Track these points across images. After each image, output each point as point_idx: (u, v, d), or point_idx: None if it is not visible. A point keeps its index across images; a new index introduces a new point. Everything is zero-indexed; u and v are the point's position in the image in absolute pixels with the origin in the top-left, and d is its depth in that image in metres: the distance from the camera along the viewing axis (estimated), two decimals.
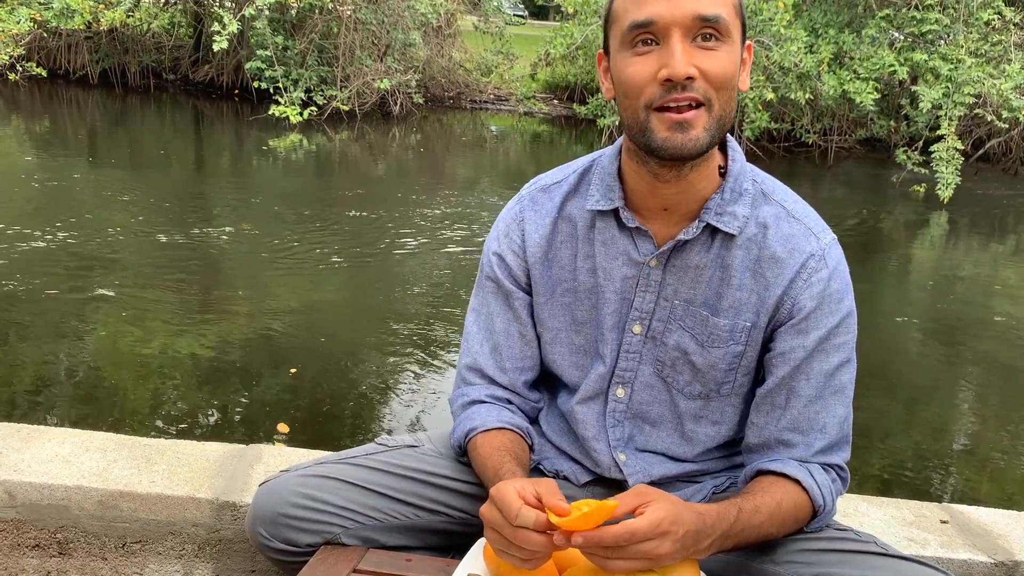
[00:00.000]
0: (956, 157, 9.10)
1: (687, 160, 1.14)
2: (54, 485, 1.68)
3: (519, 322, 1.37)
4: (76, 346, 3.70)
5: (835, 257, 1.23)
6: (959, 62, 9.51)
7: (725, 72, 1.10)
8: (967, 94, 9.39)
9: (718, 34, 1.10)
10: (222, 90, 13.13)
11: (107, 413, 3.15)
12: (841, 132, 12.28)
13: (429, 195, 7.84)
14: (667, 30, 1.09)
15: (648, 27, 1.09)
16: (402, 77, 12.30)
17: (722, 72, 1.10)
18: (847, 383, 1.24)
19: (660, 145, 1.12)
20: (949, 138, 9.18)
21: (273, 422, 3.16)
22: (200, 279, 4.76)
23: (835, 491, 1.23)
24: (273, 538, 1.28)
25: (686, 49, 1.09)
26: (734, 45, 1.12)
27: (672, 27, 1.08)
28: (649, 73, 1.10)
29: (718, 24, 1.09)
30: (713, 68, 1.09)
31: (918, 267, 7.01)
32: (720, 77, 1.10)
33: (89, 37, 12.53)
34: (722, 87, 1.11)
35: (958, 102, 9.43)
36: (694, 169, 1.19)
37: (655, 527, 1.00)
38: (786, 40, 9.85)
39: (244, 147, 9.95)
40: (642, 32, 1.10)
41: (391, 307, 4.68)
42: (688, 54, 1.08)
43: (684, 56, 1.08)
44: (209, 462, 1.81)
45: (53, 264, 4.70)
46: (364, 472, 1.33)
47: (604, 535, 0.99)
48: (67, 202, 6.23)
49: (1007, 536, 1.85)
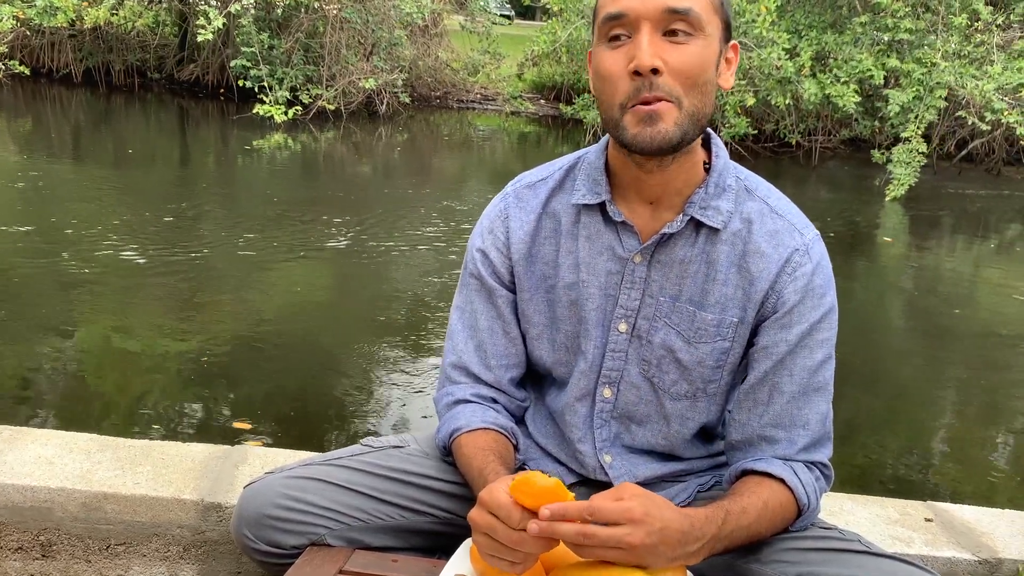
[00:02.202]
0: (916, 159, 9.36)
1: (658, 154, 1.15)
2: (37, 487, 1.67)
3: (503, 320, 1.37)
4: (59, 347, 3.67)
5: (818, 252, 1.24)
6: (933, 66, 9.64)
7: (692, 66, 1.11)
8: (939, 97, 9.58)
9: (689, 27, 1.10)
10: (208, 89, 13.06)
11: (91, 414, 3.13)
12: (825, 132, 12.34)
13: (415, 194, 7.82)
14: (637, 22, 1.11)
15: (620, 19, 1.12)
16: (388, 76, 12.27)
17: (688, 66, 1.11)
18: (828, 380, 1.25)
19: (631, 140, 1.14)
20: (914, 140, 9.42)
21: (259, 423, 3.15)
22: (183, 279, 4.73)
23: (819, 489, 1.24)
24: (258, 540, 1.28)
25: (653, 41, 1.10)
26: (708, 40, 1.13)
27: (642, 19, 1.10)
28: (621, 66, 1.12)
29: (688, 17, 1.10)
30: (679, 62, 1.10)
31: (899, 266, 7.05)
32: (686, 71, 1.11)
33: (73, 35, 12.44)
34: (691, 82, 1.11)
35: (930, 105, 9.59)
36: (676, 161, 1.20)
37: (623, 512, 0.99)
38: (767, 43, 9.90)
39: (228, 146, 9.90)
40: (615, 25, 1.12)
41: (377, 306, 4.67)
42: (655, 46, 1.10)
43: (650, 48, 1.09)
44: (194, 463, 1.80)
45: (33, 264, 4.67)
46: (349, 473, 1.32)
47: (568, 508, 0.99)
48: (49, 201, 6.18)
49: (991, 534, 1.87)
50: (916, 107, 9.67)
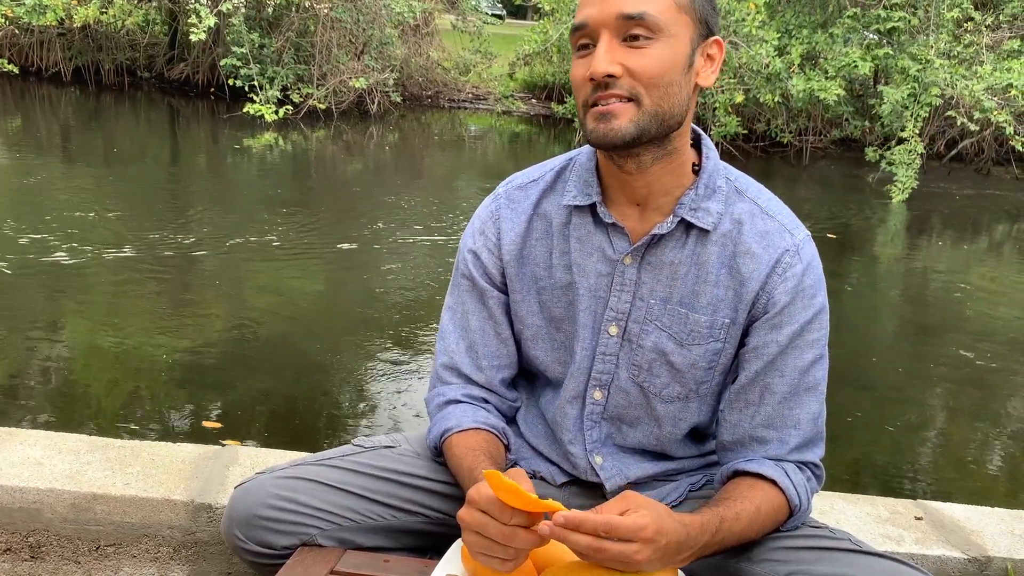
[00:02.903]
0: (915, 160, 9.30)
1: (616, 149, 1.17)
2: (26, 488, 1.66)
3: (494, 320, 1.37)
4: (48, 346, 3.66)
5: (809, 253, 1.25)
6: (927, 62, 9.63)
7: (651, 69, 1.13)
8: (933, 95, 9.55)
9: (648, 31, 1.12)
10: (198, 88, 13.01)
11: (80, 414, 3.12)
12: (816, 132, 12.39)
13: (407, 194, 7.81)
14: (598, 31, 1.14)
15: (583, 29, 1.16)
16: (379, 76, 12.25)
17: (647, 68, 1.13)
18: (820, 380, 1.25)
19: (589, 136, 1.18)
20: (912, 140, 9.36)
21: (249, 422, 3.14)
22: (173, 278, 4.72)
23: (810, 490, 1.24)
24: (249, 540, 1.27)
25: (611, 48, 1.13)
26: (672, 40, 1.14)
27: (601, 28, 1.14)
28: (584, 74, 1.16)
29: (644, 21, 1.12)
30: (639, 66, 1.13)
31: (890, 265, 7.08)
32: (646, 74, 1.13)
33: (62, 34, 12.38)
34: (651, 83, 1.14)
35: (924, 103, 9.58)
36: (657, 162, 1.20)
37: (638, 529, 1.00)
38: (757, 41, 9.92)
39: (219, 145, 9.87)
40: (581, 35, 1.17)
41: (368, 306, 4.66)
42: (613, 53, 1.13)
43: (606, 55, 1.13)
44: (184, 464, 1.80)
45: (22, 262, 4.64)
46: (340, 473, 1.32)
47: (584, 520, 0.99)
48: (38, 201, 6.16)
49: (980, 532, 1.88)
50: (911, 105, 9.65)
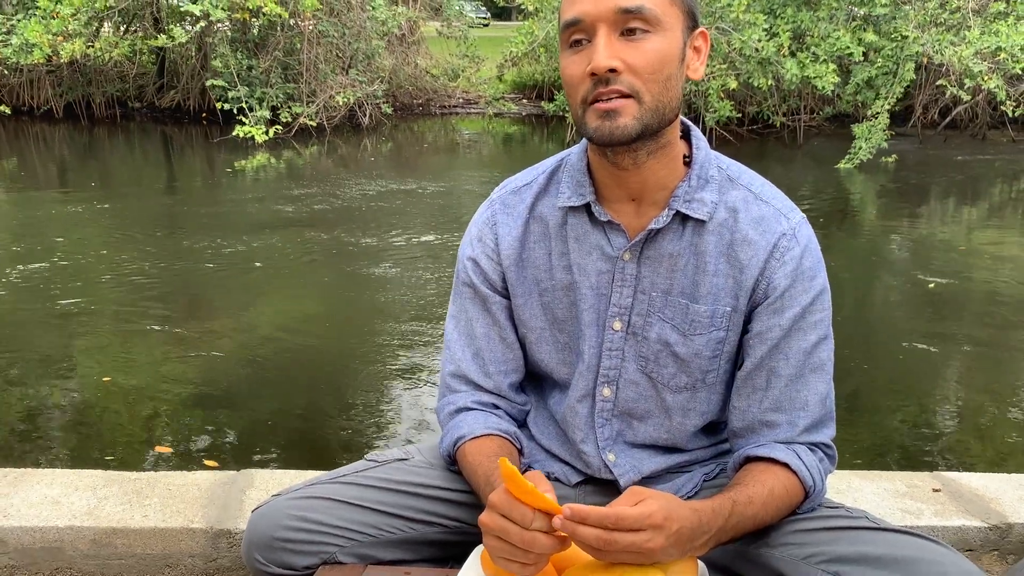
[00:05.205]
0: (877, 135, 9.59)
1: (619, 146, 1.16)
2: (46, 527, 1.67)
3: (498, 326, 1.37)
4: (57, 383, 3.67)
5: (805, 235, 1.25)
6: (903, 39, 9.74)
7: (651, 63, 1.13)
8: (908, 70, 9.79)
9: (646, 24, 1.12)
10: (190, 114, 13.06)
11: (95, 450, 3.13)
12: (808, 111, 12.38)
13: (405, 204, 7.83)
14: (594, 26, 1.13)
15: (577, 25, 1.14)
16: (368, 88, 12.27)
17: (648, 63, 1.12)
18: (826, 360, 1.25)
19: (592, 135, 1.16)
20: (881, 117, 9.64)
21: (265, 445, 3.15)
22: (179, 305, 4.73)
23: (823, 470, 1.24)
24: (270, 563, 1.28)
25: (610, 43, 1.12)
26: (668, 33, 1.14)
27: (598, 23, 1.12)
28: (581, 70, 1.14)
29: (642, 14, 1.11)
30: (639, 60, 1.12)
31: (892, 237, 7.07)
32: (646, 68, 1.12)
33: (51, 71, 12.44)
34: (651, 78, 1.13)
35: (899, 80, 9.71)
36: (652, 156, 1.20)
37: (645, 517, 1.00)
38: (745, 25, 9.92)
39: (214, 170, 9.89)
40: (574, 31, 1.15)
41: (374, 322, 4.67)
42: (612, 47, 1.12)
43: (606, 50, 1.11)
44: (201, 491, 1.80)
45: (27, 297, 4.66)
46: (356, 490, 1.32)
47: (590, 512, 0.99)
48: (40, 237, 6.18)
49: (999, 499, 1.87)
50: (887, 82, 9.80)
